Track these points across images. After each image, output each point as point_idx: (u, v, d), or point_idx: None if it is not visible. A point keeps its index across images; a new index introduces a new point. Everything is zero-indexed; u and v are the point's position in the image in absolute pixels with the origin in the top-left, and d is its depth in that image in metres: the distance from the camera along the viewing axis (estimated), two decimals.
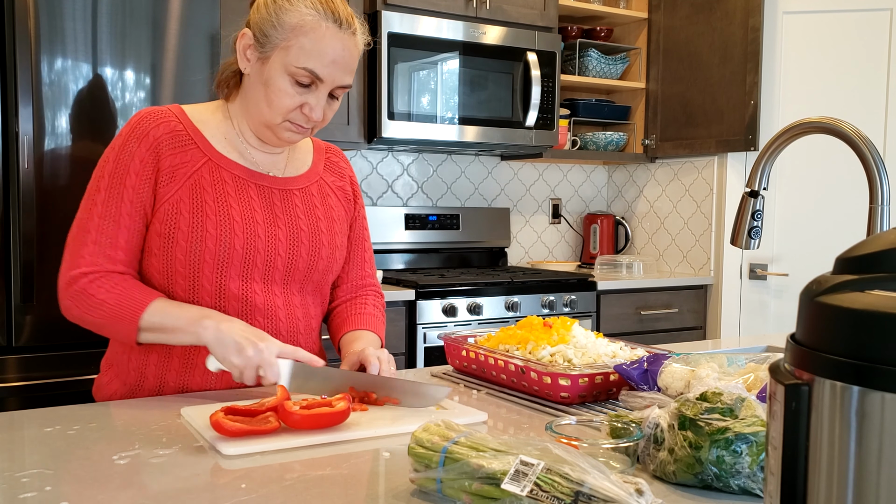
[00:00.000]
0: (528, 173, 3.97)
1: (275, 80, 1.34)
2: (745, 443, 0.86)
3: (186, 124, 1.39)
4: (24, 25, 2.19)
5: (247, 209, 1.39)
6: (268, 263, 1.40)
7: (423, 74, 3.15)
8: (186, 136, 1.38)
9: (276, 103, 1.35)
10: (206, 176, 1.37)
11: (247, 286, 1.38)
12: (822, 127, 1.32)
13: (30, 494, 0.88)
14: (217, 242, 1.34)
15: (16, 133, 2.19)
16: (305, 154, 1.54)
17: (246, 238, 1.37)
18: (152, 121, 1.36)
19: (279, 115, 1.36)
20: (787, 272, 3.54)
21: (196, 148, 1.38)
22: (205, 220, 1.34)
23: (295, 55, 1.33)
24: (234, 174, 1.40)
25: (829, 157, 3.39)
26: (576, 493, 0.76)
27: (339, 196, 1.55)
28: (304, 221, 1.45)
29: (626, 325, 3.45)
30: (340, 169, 1.58)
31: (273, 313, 1.41)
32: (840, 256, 0.53)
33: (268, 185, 1.43)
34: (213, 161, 1.38)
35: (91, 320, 1.32)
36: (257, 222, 1.39)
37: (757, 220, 1.45)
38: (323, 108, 1.38)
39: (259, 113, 1.38)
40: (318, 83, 1.35)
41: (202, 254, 1.34)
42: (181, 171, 1.35)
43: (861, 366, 0.47)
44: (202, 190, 1.36)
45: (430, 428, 0.90)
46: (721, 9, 3.54)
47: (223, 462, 1.00)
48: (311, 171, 1.52)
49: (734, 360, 1.23)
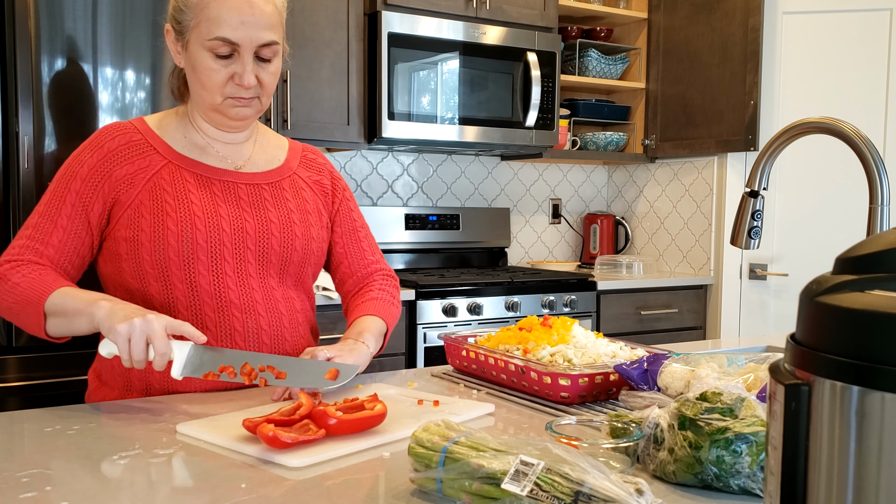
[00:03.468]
0: (528, 173, 3.97)
1: (199, 61, 1.36)
2: (745, 443, 0.86)
3: (145, 133, 1.42)
4: (24, 25, 2.19)
5: (209, 204, 1.39)
6: (237, 256, 1.39)
7: (423, 74, 3.15)
8: (145, 144, 1.40)
9: (208, 83, 1.36)
10: (166, 177, 1.39)
11: (218, 280, 1.38)
12: (822, 127, 1.32)
13: (30, 494, 0.88)
14: (179, 239, 1.35)
15: (16, 133, 2.19)
16: (278, 150, 1.54)
17: (209, 231, 1.37)
18: (108, 134, 1.40)
19: (216, 94, 1.37)
20: (787, 272, 3.54)
21: (155, 153, 1.40)
22: (165, 219, 1.35)
23: (206, 28, 1.33)
24: (195, 173, 1.41)
25: (829, 157, 3.39)
26: (576, 493, 0.76)
27: (316, 189, 1.54)
28: (273, 213, 1.44)
29: (626, 325, 3.45)
30: (318, 165, 1.58)
31: (251, 308, 1.40)
32: (840, 256, 0.53)
33: (233, 180, 1.44)
34: (172, 163, 1.40)
35: (5, 305, 1.32)
36: (221, 216, 1.39)
37: (757, 220, 1.45)
38: (252, 72, 1.36)
39: (201, 99, 1.40)
40: (237, 48, 1.34)
41: (166, 251, 1.35)
42: (140, 177, 1.37)
43: (861, 366, 0.47)
44: (162, 191, 1.37)
45: (430, 428, 0.90)
46: (721, 9, 3.54)
47: (223, 460, 1.00)
48: (283, 167, 1.52)
49: (734, 360, 1.23)
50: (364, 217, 1.67)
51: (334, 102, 3.02)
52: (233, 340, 1.39)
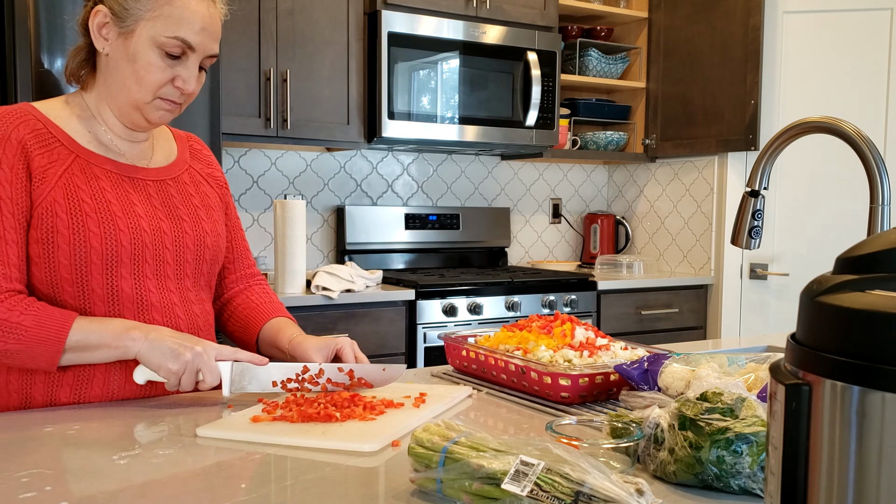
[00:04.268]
0: (528, 173, 3.97)
1: (143, 55, 1.27)
2: (746, 443, 0.86)
3: (45, 122, 1.30)
4: (24, 25, 2.19)
5: (126, 203, 1.32)
6: (157, 258, 1.34)
7: (424, 74, 3.15)
8: (49, 135, 1.29)
9: (147, 79, 1.28)
10: (78, 174, 1.29)
11: (140, 284, 1.32)
12: (822, 127, 1.32)
13: (30, 494, 0.88)
14: (102, 241, 1.27)
15: None
16: (169, 143, 1.48)
17: (132, 233, 1.30)
18: (18, 119, 1.28)
19: (150, 93, 1.30)
20: (788, 272, 3.54)
21: (61, 146, 1.30)
22: (85, 220, 1.26)
23: (163, 25, 1.26)
24: (105, 169, 1.33)
25: (829, 157, 3.39)
26: (576, 493, 0.76)
27: (211, 183, 1.50)
28: (183, 212, 1.40)
29: (626, 325, 3.45)
30: (205, 156, 1.54)
31: (171, 311, 1.35)
32: (840, 256, 0.53)
33: (141, 177, 1.37)
34: (81, 158, 1.31)
35: (4, 348, 1.20)
36: (139, 216, 1.32)
37: (757, 220, 1.45)
38: (195, 78, 1.32)
39: (127, 93, 1.30)
40: (190, 53, 1.30)
41: (88, 255, 1.26)
42: (51, 172, 1.27)
43: (861, 366, 0.47)
44: (76, 188, 1.28)
45: (430, 428, 0.90)
46: (721, 8, 3.54)
47: (223, 460, 1.00)
48: (179, 160, 1.46)
49: (734, 360, 1.23)
50: None
51: (334, 102, 3.02)
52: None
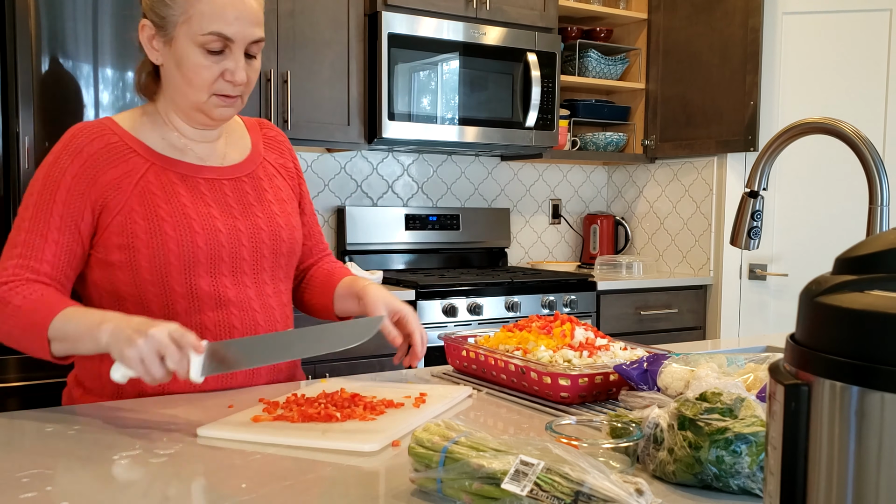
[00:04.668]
0: (528, 174, 3.97)
1: (187, 57, 1.32)
2: (745, 443, 0.86)
3: (122, 135, 1.37)
4: (25, 25, 2.19)
5: (201, 205, 1.37)
6: (234, 256, 1.39)
7: (424, 75, 3.15)
8: (124, 146, 1.36)
9: (196, 80, 1.33)
10: (153, 180, 1.35)
11: (217, 282, 1.37)
12: (822, 127, 1.32)
13: (30, 494, 0.88)
14: (179, 244, 1.33)
15: (16, 133, 2.19)
16: (243, 137, 1.52)
17: (207, 235, 1.35)
18: (85, 137, 1.34)
19: (204, 92, 1.34)
20: (787, 272, 3.54)
21: (136, 155, 1.36)
22: (162, 224, 1.32)
23: (198, 23, 1.30)
24: (180, 173, 1.38)
25: (829, 157, 3.39)
26: (576, 493, 0.76)
27: (284, 175, 1.54)
28: (258, 209, 1.44)
29: (626, 325, 3.45)
30: (278, 144, 1.57)
31: (248, 305, 1.40)
32: (840, 256, 0.53)
33: (216, 177, 1.42)
34: (156, 164, 1.37)
35: (6, 330, 1.27)
36: (215, 216, 1.37)
37: (756, 221, 1.45)
38: (244, 69, 1.35)
39: (184, 97, 1.36)
40: (230, 44, 1.32)
41: (167, 258, 1.32)
42: (126, 181, 1.33)
43: (861, 366, 0.48)
44: (152, 195, 1.34)
45: (430, 428, 0.90)
46: (721, 9, 3.54)
47: (223, 460, 1.00)
48: (253, 153, 1.50)
49: (734, 360, 1.23)
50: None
51: (334, 103, 3.02)
52: (231, 337, 1.39)
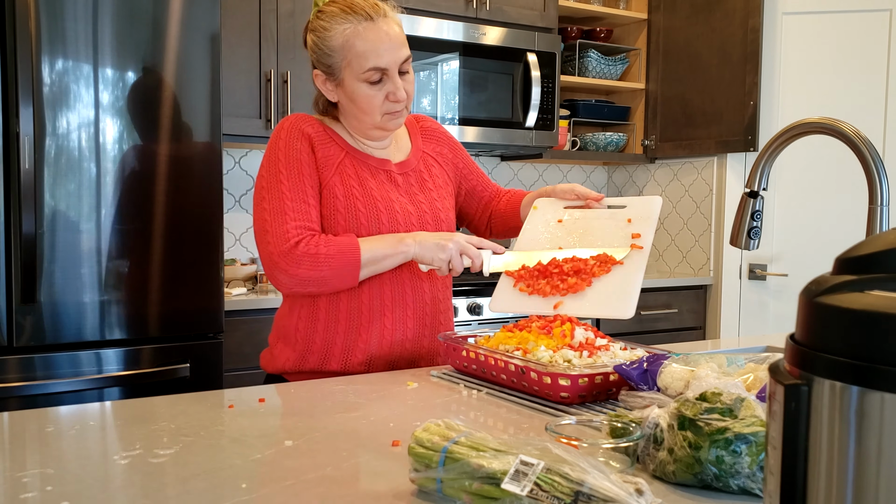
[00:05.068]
0: (528, 174, 3.97)
1: (357, 92, 1.57)
2: (745, 443, 0.86)
3: (323, 126, 1.64)
4: (25, 25, 2.19)
5: (384, 191, 1.63)
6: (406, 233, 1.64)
7: (424, 75, 3.15)
8: (326, 134, 1.63)
9: (368, 109, 1.58)
10: (349, 166, 1.62)
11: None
12: (822, 127, 1.32)
13: (30, 494, 0.88)
14: (368, 219, 1.59)
15: (16, 133, 2.19)
16: (403, 136, 1.76)
17: (388, 214, 1.61)
18: (304, 121, 1.62)
19: (377, 115, 1.59)
20: (787, 272, 3.54)
21: (335, 144, 1.63)
22: (356, 203, 1.59)
23: (357, 64, 1.54)
24: (367, 164, 1.65)
25: (829, 157, 3.39)
26: (576, 493, 0.76)
27: (441, 162, 1.78)
28: (421, 197, 1.69)
29: (626, 325, 3.45)
30: (433, 133, 1.80)
31: (416, 278, 1.65)
32: (840, 256, 0.53)
33: (394, 170, 1.68)
34: (350, 154, 1.63)
35: (319, 276, 1.53)
36: (393, 200, 1.63)
37: (756, 221, 1.45)
38: (401, 87, 1.58)
39: (360, 123, 1.62)
40: (386, 72, 1.55)
41: (358, 231, 1.58)
42: (330, 162, 1.61)
43: (861, 366, 0.48)
44: (349, 177, 1.61)
45: (430, 428, 0.90)
46: (721, 9, 3.54)
47: (224, 460, 1.00)
48: (414, 151, 1.74)
49: (734, 360, 1.23)
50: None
51: None
52: (404, 302, 1.64)
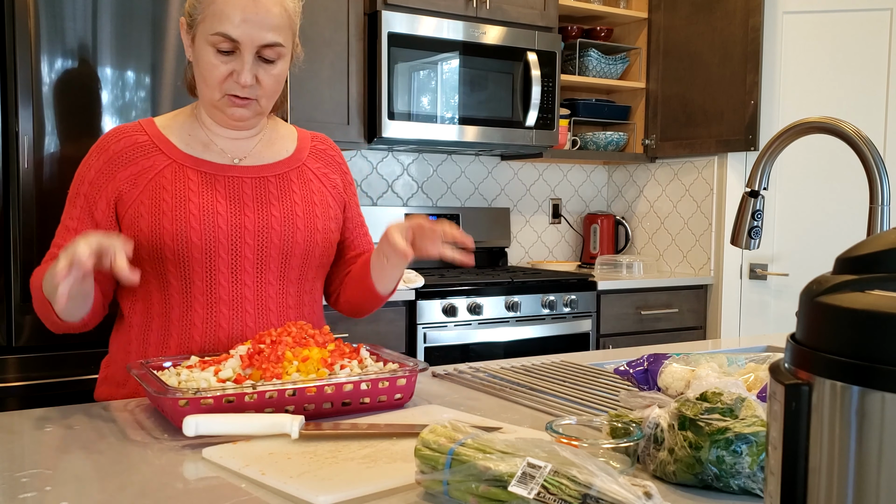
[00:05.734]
0: (528, 173, 3.97)
1: (202, 55, 1.37)
2: (745, 443, 0.86)
3: (152, 134, 1.45)
4: (25, 25, 2.19)
5: (208, 202, 1.40)
6: (233, 253, 1.41)
7: (424, 74, 3.15)
8: (150, 145, 1.43)
9: (208, 77, 1.38)
10: (168, 176, 1.40)
11: (211, 278, 1.40)
12: (822, 127, 1.32)
13: (30, 494, 0.88)
14: (174, 238, 1.37)
15: (16, 133, 2.19)
16: (287, 142, 1.55)
17: (203, 230, 1.38)
18: (113, 137, 1.44)
19: (215, 90, 1.39)
20: (787, 272, 3.54)
21: (160, 153, 1.42)
22: (161, 219, 1.37)
23: (210, 23, 1.35)
24: (199, 171, 1.42)
25: (829, 157, 3.39)
26: (583, 496, 0.76)
27: (324, 182, 1.54)
28: (276, 207, 1.45)
29: (626, 325, 3.45)
30: (328, 156, 1.58)
31: (240, 304, 1.41)
32: (840, 256, 0.53)
33: (238, 174, 1.45)
34: (176, 162, 1.42)
35: (36, 308, 1.39)
36: (218, 213, 1.40)
37: (757, 220, 1.45)
38: (251, 71, 1.36)
39: (202, 94, 1.42)
40: (238, 46, 1.35)
41: (162, 251, 1.37)
42: (143, 177, 1.40)
43: (861, 366, 0.48)
44: (161, 190, 1.39)
45: (436, 429, 0.90)
46: (721, 9, 3.54)
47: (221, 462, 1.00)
48: (291, 158, 1.52)
49: (734, 360, 1.23)
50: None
51: (334, 102, 3.02)
52: (216, 336, 1.40)
